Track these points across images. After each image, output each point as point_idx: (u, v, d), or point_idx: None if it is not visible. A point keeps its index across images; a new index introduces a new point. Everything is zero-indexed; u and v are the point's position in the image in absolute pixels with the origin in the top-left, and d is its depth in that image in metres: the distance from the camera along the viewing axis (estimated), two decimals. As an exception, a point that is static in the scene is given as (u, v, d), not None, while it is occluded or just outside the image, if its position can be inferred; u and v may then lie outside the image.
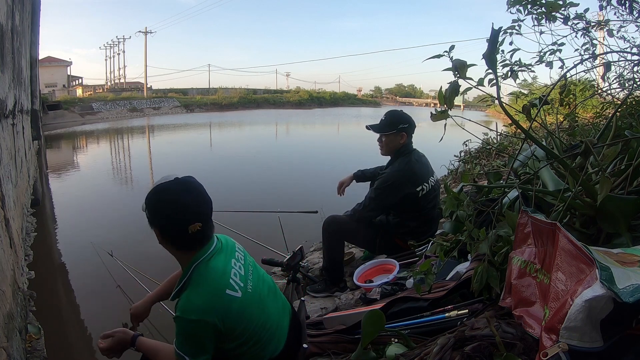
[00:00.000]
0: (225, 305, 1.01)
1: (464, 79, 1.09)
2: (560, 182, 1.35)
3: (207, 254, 1.07)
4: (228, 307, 1.01)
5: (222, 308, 1.00)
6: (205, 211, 1.08)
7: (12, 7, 3.28)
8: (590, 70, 2.06)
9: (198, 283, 1.03)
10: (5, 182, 2.49)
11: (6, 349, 1.57)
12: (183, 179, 1.08)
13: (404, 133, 2.26)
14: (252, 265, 1.19)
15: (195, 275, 1.05)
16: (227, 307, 1.01)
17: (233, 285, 1.05)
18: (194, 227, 1.02)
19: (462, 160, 5.54)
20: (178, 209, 1.03)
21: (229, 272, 1.07)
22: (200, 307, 0.99)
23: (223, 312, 1.00)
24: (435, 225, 2.36)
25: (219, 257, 1.09)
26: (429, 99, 55.28)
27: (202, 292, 1.01)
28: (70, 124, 20.01)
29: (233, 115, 27.47)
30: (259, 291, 1.13)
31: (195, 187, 1.08)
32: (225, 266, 1.08)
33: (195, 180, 1.11)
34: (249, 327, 1.07)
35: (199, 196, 1.07)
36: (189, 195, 1.05)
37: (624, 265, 0.77)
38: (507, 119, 3.03)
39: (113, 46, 40.94)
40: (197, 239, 1.06)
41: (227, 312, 1.01)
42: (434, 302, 1.32)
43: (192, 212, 1.04)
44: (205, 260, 1.06)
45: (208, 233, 1.09)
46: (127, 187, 7.01)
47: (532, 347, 0.84)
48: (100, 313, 2.75)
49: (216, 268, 1.06)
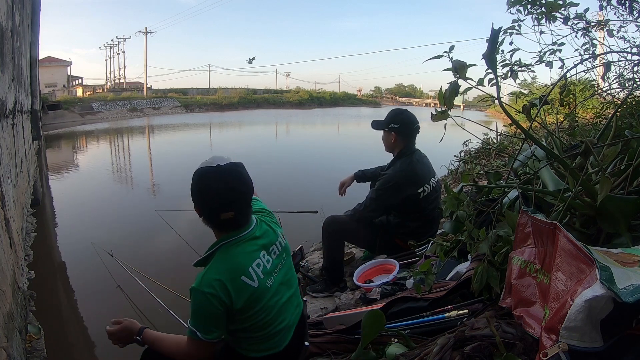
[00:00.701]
0: (237, 287, 1.05)
1: (464, 79, 1.09)
2: (560, 182, 1.35)
3: (238, 236, 1.10)
4: (240, 290, 1.05)
5: (233, 289, 1.04)
6: (240, 200, 1.09)
7: (12, 7, 3.28)
8: (590, 70, 2.07)
9: (219, 261, 1.08)
10: (5, 182, 2.49)
11: (6, 349, 1.57)
12: (223, 167, 1.08)
13: (393, 133, 2.26)
14: (285, 266, 1.21)
15: (219, 254, 1.09)
16: (238, 290, 1.05)
17: (251, 274, 1.07)
18: (226, 215, 1.07)
19: (462, 160, 5.54)
20: (212, 197, 1.07)
21: (252, 261, 1.09)
22: (214, 282, 1.03)
23: (235, 294, 1.04)
24: (436, 226, 2.36)
25: (249, 244, 1.12)
26: (429, 99, 55.25)
27: (219, 270, 1.05)
28: (70, 124, 20.00)
29: (233, 115, 27.46)
30: (278, 289, 1.15)
31: (233, 176, 1.08)
32: (251, 254, 1.10)
33: (237, 168, 1.11)
34: (257, 317, 1.10)
35: (235, 185, 1.08)
36: (223, 184, 1.06)
37: (624, 265, 0.77)
38: (507, 119, 3.03)
39: (113, 46, 40.96)
40: (229, 224, 1.10)
41: (238, 294, 1.05)
42: (434, 302, 1.32)
43: (224, 201, 1.07)
44: (234, 242, 1.10)
45: (241, 221, 1.11)
46: (127, 187, 7.00)
47: (532, 347, 0.84)
48: (100, 313, 2.75)
49: (240, 254, 1.09)
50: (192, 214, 1.18)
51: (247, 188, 1.11)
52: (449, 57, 1.10)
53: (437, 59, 1.14)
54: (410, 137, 2.27)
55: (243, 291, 1.05)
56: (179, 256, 3.60)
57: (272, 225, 1.22)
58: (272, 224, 1.23)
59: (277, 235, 1.21)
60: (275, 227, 1.23)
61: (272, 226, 1.22)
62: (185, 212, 4.59)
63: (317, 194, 4.98)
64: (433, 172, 2.35)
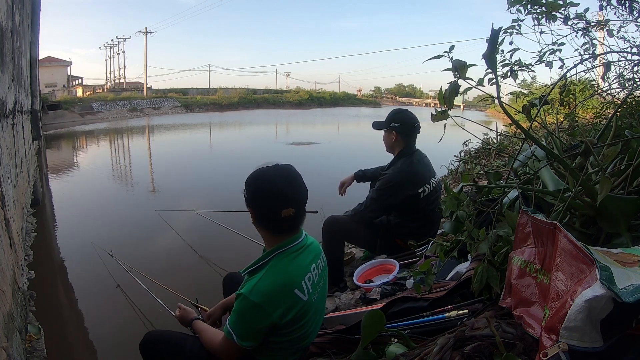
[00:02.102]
0: (289, 302, 1.04)
1: (464, 79, 1.08)
2: (560, 182, 1.35)
3: (293, 244, 1.10)
4: (291, 305, 1.04)
5: (285, 303, 1.04)
6: (299, 198, 1.10)
7: (12, 7, 3.28)
8: (590, 70, 2.07)
9: (274, 271, 1.06)
10: (5, 182, 2.49)
11: (6, 349, 1.56)
12: (282, 166, 1.12)
13: (394, 132, 2.26)
14: (324, 277, 1.21)
15: (274, 262, 1.08)
16: (290, 304, 1.04)
17: (303, 287, 1.07)
18: (287, 211, 1.06)
19: (462, 160, 5.54)
20: (274, 193, 1.07)
21: (306, 274, 1.09)
22: (266, 294, 1.02)
23: (285, 308, 1.04)
24: (436, 226, 2.36)
25: (304, 255, 1.12)
26: (429, 99, 55.24)
27: (274, 281, 1.04)
28: (70, 124, 19.99)
29: (233, 115, 27.46)
30: (319, 304, 1.17)
31: (292, 175, 1.11)
32: (306, 267, 1.11)
33: (294, 168, 1.14)
34: (299, 331, 1.10)
35: (295, 183, 1.10)
36: (285, 181, 1.08)
37: (624, 265, 0.77)
38: (507, 119, 3.03)
39: (113, 46, 41.00)
40: (288, 224, 1.10)
41: (288, 309, 1.04)
42: (434, 302, 1.32)
43: (286, 197, 1.07)
44: (290, 251, 1.10)
45: (298, 221, 1.12)
46: (127, 187, 7.00)
47: (532, 347, 0.84)
48: (100, 313, 2.75)
49: (296, 265, 1.09)
50: (193, 214, 1.18)
51: (305, 187, 1.13)
52: (449, 57, 1.10)
53: (437, 59, 1.14)
54: (411, 136, 2.28)
55: (294, 305, 1.05)
56: (179, 256, 3.60)
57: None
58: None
59: (316, 242, 1.21)
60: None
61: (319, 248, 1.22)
62: (185, 212, 4.60)
63: (317, 194, 4.97)
64: (433, 172, 2.35)
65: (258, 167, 1.13)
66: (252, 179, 1.11)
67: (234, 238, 3.38)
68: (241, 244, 3.29)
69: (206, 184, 6.70)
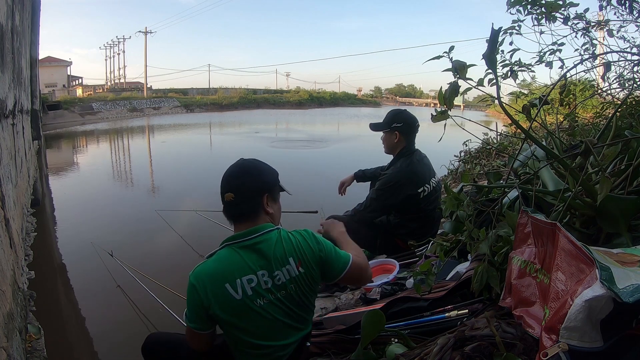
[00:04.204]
0: (218, 293, 1.05)
1: (464, 80, 1.08)
2: (560, 182, 1.35)
3: (242, 239, 1.09)
4: (219, 296, 1.05)
5: (212, 292, 1.05)
6: (239, 184, 1.13)
7: (12, 7, 3.28)
8: (590, 70, 2.07)
9: (214, 259, 1.09)
10: (5, 182, 2.49)
11: (6, 349, 1.56)
12: (241, 159, 1.20)
13: (397, 132, 2.26)
14: (290, 292, 1.10)
15: (222, 252, 1.11)
16: (217, 295, 1.05)
17: (237, 286, 1.05)
18: (228, 196, 1.12)
19: (462, 160, 5.55)
20: (223, 180, 1.16)
21: (245, 274, 1.06)
22: (198, 277, 1.06)
23: (212, 297, 1.04)
24: (436, 226, 2.36)
25: (251, 255, 1.08)
26: (429, 99, 55.24)
27: (208, 267, 1.07)
28: (70, 124, 19.99)
29: (233, 115, 27.46)
30: (269, 313, 1.08)
31: (242, 165, 1.17)
32: (247, 266, 1.06)
33: (252, 160, 1.20)
34: (239, 332, 1.09)
35: (239, 171, 1.16)
36: (232, 169, 1.16)
37: (624, 265, 0.77)
38: (507, 119, 3.03)
39: (113, 46, 41.02)
40: (228, 210, 1.15)
41: (216, 299, 1.05)
42: (434, 302, 1.32)
43: (227, 182, 1.14)
44: (238, 245, 1.09)
45: (240, 209, 1.13)
46: (127, 187, 7.00)
47: (532, 347, 0.84)
48: (100, 313, 2.75)
49: (235, 261, 1.08)
50: (192, 214, 1.19)
51: (255, 177, 1.16)
52: (449, 57, 1.10)
53: (437, 59, 1.14)
54: (411, 135, 2.28)
55: (222, 298, 1.04)
56: (179, 256, 3.60)
57: (300, 257, 1.11)
58: (305, 255, 1.11)
59: (292, 268, 1.09)
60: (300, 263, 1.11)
61: (294, 259, 1.10)
62: (185, 212, 4.60)
63: (317, 194, 4.98)
64: (433, 172, 2.35)
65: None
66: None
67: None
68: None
69: (206, 184, 6.70)
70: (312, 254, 1.12)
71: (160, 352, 1.28)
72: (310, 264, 1.12)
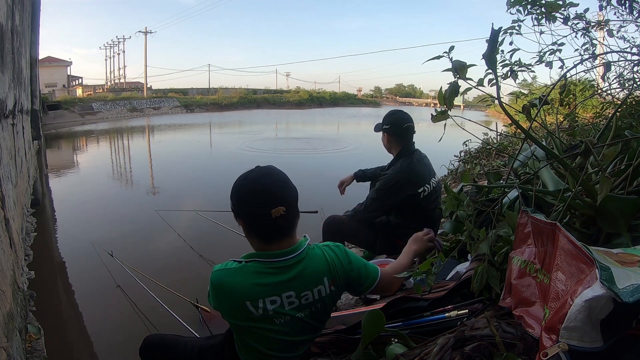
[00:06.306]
0: (233, 305, 1.01)
1: (464, 80, 1.08)
2: (560, 182, 1.35)
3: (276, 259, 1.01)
4: (235, 308, 1.01)
5: (230, 304, 1.02)
6: (289, 196, 1.01)
7: (12, 7, 3.28)
8: (590, 70, 2.06)
9: (240, 272, 1.01)
10: (5, 182, 2.49)
11: (6, 349, 1.56)
12: (264, 167, 1.06)
13: (386, 134, 2.26)
14: (314, 310, 1.08)
15: (248, 267, 1.02)
16: (234, 307, 1.01)
17: (258, 306, 1.00)
18: (277, 210, 0.97)
19: (462, 160, 5.55)
20: (260, 192, 0.99)
21: (269, 295, 1.00)
22: (220, 286, 1.01)
23: (229, 307, 1.02)
24: (436, 226, 2.36)
25: (282, 276, 1.01)
26: (429, 99, 55.26)
27: (232, 280, 1.00)
28: (70, 124, 19.99)
29: (233, 115, 27.45)
30: (287, 329, 1.06)
31: (277, 173, 1.04)
32: (275, 289, 1.01)
33: (276, 168, 1.07)
34: (246, 336, 1.07)
35: (282, 181, 1.02)
36: (270, 179, 1.01)
37: (624, 265, 0.77)
38: (507, 119, 3.03)
39: (113, 46, 41.04)
40: (280, 225, 1.00)
41: (232, 310, 1.02)
42: (434, 302, 1.32)
43: (274, 195, 0.99)
44: (268, 266, 1.01)
45: (290, 225, 1.02)
46: (127, 187, 7.00)
47: (532, 347, 0.84)
48: (100, 313, 2.75)
49: (263, 283, 1.01)
50: (192, 214, 1.18)
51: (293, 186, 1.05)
52: (449, 57, 1.10)
53: (437, 59, 1.14)
54: (403, 136, 2.25)
55: (240, 312, 1.01)
56: (179, 256, 3.60)
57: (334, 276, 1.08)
58: (337, 274, 1.09)
59: (324, 288, 1.06)
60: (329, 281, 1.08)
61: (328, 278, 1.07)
62: (185, 212, 4.60)
63: (317, 194, 4.97)
64: (433, 172, 2.34)
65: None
66: (236, 186, 1.04)
67: (234, 238, 3.38)
68: (241, 244, 3.27)
69: (206, 184, 6.71)
70: (344, 271, 1.10)
71: (158, 354, 1.27)
72: (342, 281, 1.10)
